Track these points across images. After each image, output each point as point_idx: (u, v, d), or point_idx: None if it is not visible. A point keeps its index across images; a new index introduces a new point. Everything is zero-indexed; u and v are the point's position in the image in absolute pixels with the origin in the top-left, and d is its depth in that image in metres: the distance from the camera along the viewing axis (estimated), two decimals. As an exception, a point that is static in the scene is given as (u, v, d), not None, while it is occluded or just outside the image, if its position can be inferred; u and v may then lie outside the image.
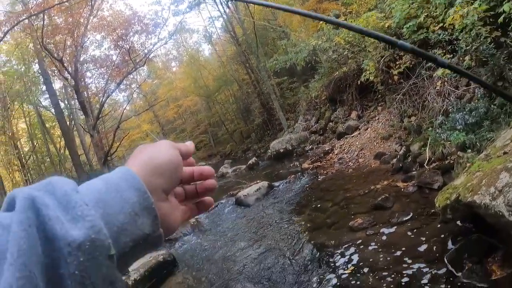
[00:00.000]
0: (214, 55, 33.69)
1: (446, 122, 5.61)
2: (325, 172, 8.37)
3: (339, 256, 4.32)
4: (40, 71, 19.56)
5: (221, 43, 30.85)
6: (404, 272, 3.52)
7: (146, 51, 19.37)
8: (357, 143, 8.99)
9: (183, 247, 6.66)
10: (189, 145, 0.61)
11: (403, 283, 3.39)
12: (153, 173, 0.50)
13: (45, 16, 15.50)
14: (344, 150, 9.27)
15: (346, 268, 4.03)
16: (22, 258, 0.33)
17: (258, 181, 8.93)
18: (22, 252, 0.33)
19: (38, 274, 0.34)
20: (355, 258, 4.16)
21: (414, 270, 3.50)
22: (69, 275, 0.36)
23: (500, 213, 2.62)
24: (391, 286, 3.44)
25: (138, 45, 19.74)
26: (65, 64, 16.37)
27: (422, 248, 3.75)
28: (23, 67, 25.41)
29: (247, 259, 5.23)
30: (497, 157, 3.31)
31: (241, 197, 7.93)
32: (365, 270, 3.84)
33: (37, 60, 18.98)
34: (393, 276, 3.56)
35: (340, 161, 8.77)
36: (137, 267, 5.57)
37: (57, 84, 23.65)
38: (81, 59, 18.51)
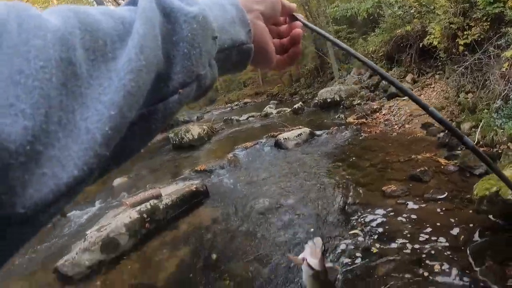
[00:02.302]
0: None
1: (504, 108, 5.29)
2: (368, 130, 8.25)
3: (365, 218, 4.44)
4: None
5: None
6: (423, 249, 3.59)
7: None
8: (406, 107, 8.68)
9: (217, 180, 6.94)
10: (293, 5, 0.69)
11: (419, 259, 3.49)
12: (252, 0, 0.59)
13: None
14: (392, 111, 9.01)
15: (367, 230, 4.17)
16: (148, 21, 0.38)
17: (301, 126, 8.97)
18: (148, 18, 0.39)
19: (159, 33, 0.40)
20: (380, 222, 4.27)
21: (434, 251, 3.55)
22: (183, 38, 0.42)
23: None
24: (407, 258, 3.55)
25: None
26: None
27: (448, 231, 3.76)
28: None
29: (276, 201, 5.46)
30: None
31: (281, 140, 8.04)
32: (387, 236, 3.96)
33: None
34: (411, 250, 3.66)
35: (386, 122, 8.59)
36: (170, 193, 5.92)
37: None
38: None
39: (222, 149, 9.09)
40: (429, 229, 3.88)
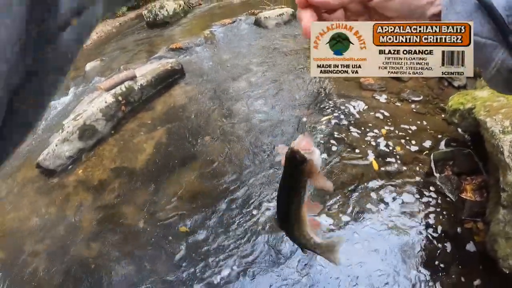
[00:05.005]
0: None
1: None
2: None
3: (340, 106, 4.53)
4: None
5: None
6: (389, 145, 3.77)
7: None
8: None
9: (193, 57, 6.74)
10: None
11: (384, 154, 3.69)
12: None
13: None
14: None
15: (340, 117, 4.30)
16: None
17: (283, 6, 8.44)
18: None
19: None
20: (350, 111, 4.38)
21: (399, 148, 3.72)
22: None
23: (501, 150, 2.63)
24: (372, 149, 3.75)
25: None
26: None
27: (417, 133, 3.89)
28: None
29: (252, 80, 5.48)
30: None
31: (261, 18, 7.65)
32: (357, 126, 4.11)
33: None
34: (376, 143, 3.84)
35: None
36: (145, 73, 5.78)
37: None
38: None
39: (198, 26, 8.58)
40: (399, 128, 4.00)
